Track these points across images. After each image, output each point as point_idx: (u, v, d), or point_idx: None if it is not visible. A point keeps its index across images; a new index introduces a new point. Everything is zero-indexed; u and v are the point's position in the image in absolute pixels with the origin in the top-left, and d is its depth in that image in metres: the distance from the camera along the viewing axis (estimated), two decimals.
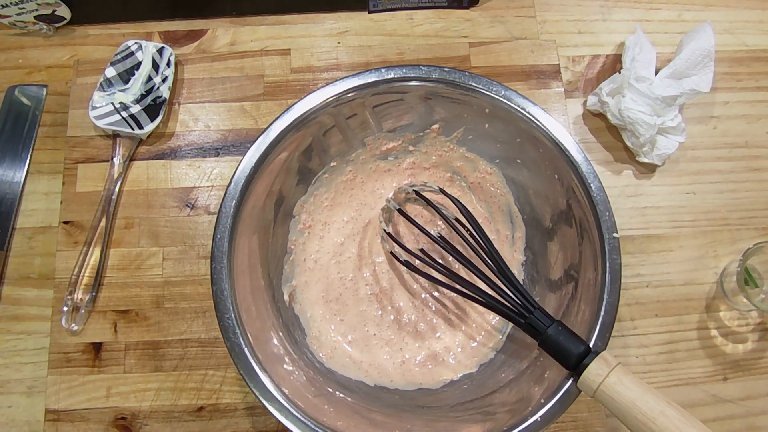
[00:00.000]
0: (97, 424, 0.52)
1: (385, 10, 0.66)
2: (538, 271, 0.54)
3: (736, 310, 0.56)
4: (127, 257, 0.57)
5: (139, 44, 0.61)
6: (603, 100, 0.60)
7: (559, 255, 0.52)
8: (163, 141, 0.60)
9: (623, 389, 0.38)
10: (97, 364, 0.54)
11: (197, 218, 0.58)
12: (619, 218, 0.46)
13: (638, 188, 0.60)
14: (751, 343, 0.56)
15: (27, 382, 0.53)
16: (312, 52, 0.64)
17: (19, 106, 0.61)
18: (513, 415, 0.43)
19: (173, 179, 0.59)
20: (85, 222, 0.57)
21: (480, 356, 0.53)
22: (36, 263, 0.56)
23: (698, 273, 0.57)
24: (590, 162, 0.48)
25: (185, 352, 0.54)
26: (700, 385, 0.55)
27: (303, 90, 0.62)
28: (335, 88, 0.49)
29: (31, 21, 0.62)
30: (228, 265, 0.45)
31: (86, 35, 0.64)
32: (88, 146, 0.60)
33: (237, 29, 0.65)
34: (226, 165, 0.60)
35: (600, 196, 0.46)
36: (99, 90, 0.60)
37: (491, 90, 0.49)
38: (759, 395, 0.55)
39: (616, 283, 0.44)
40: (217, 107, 0.62)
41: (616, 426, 0.53)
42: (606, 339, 0.43)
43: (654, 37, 0.63)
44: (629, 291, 0.57)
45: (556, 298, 0.51)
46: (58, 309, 0.54)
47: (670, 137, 0.59)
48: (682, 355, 0.56)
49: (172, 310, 0.55)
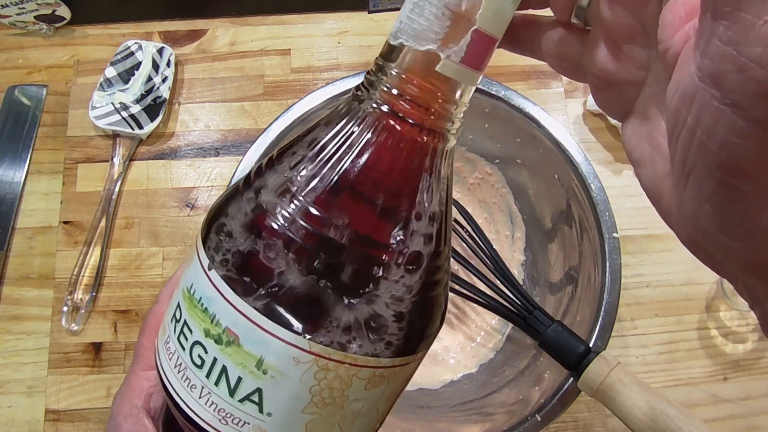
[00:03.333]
0: (97, 424, 0.52)
1: (385, 10, 0.66)
2: (538, 272, 0.54)
3: (736, 310, 0.56)
4: (127, 257, 0.57)
5: (139, 44, 0.61)
6: None
7: (559, 255, 0.52)
8: (163, 141, 0.60)
9: (624, 389, 0.38)
10: (97, 364, 0.53)
11: (197, 218, 0.58)
12: (619, 218, 0.46)
13: (638, 188, 0.59)
14: (751, 343, 0.56)
15: (27, 382, 0.53)
16: (312, 52, 0.64)
17: (19, 106, 0.61)
18: (513, 415, 0.43)
19: (173, 179, 0.59)
20: (85, 222, 0.57)
21: (480, 356, 0.53)
22: (36, 263, 0.56)
23: (698, 273, 0.57)
24: (590, 162, 0.48)
25: None
26: (700, 385, 0.55)
27: (303, 90, 0.62)
28: (335, 88, 0.49)
29: (31, 21, 0.62)
30: None
31: (86, 35, 0.64)
32: (88, 146, 0.60)
33: (237, 29, 0.65)
34: (226, 165, 0.60)
35: (600, 196, 0.46)
36: (99, 90, 0.60)
37: (491, 90, 0.49)
38: (759, 395, 0.55)
39: (616, 283, 0.44)
40: (217, 107, 0.62)
41: (617, 426, 0.53)
42: (606, 339, 0.43)
43: None
44: (629, 291, 0.57)
45: (555, 298, 0.51)
46: (58, 309, 0.54)
47: None
48: (682, 355, 0.56)
49: None
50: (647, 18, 0.18)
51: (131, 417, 0.25)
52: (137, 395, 0.25)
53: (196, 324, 0.20)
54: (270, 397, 0.19)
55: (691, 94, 0.15)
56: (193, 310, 0.20)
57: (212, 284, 0.20)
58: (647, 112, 0.19)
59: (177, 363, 0.21)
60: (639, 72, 0.19)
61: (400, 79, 0.20)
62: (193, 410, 0.20)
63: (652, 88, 0.19)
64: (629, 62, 0.19)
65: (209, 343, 0.20)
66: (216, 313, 0.20)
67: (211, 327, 0.20)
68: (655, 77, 0.19)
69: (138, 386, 0.26)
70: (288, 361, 0.19)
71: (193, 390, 0.20)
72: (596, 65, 0.20)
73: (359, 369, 0.20)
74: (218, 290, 0.20)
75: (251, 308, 0.19)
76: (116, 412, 0.25)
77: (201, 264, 0.20)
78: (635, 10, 0.18)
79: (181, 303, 0.21)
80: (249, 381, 0.19)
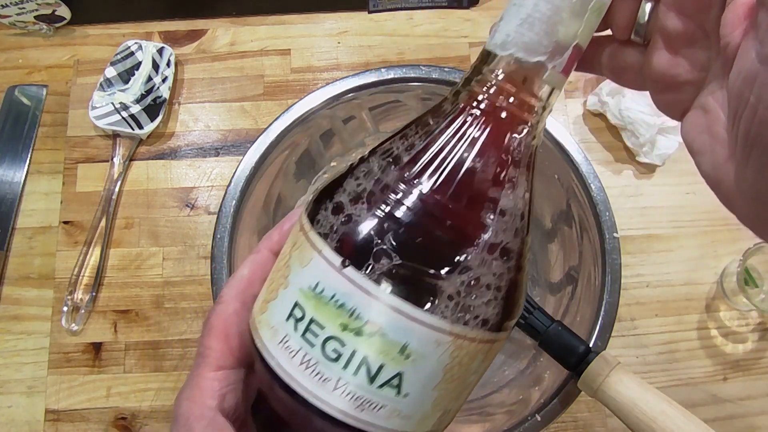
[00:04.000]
0: (97, 424, 0.52)
1: (385, 10, 0.66)
2: (538, 272, 0.54)
3: (736, 310, 0.56)
4: (127, 257, 0.57)
5: (139, 44, 0.61)
6: (603, 100, 0.60)
7: (559, 255, 0.52)
8: (163, 141, 0.60)
9: (624, 389, 0.38)
10: (97, 364, 0.54)
11: (197, 218, 0.58)
12: (619, 218, 0.46)
13: (638, 188, 0.60)
14: (751, 343, 0.56)
15: (27, 382, 0.53)
16: (312, 52, 0.64)
17: (19, 106, 0.61)
18: (513, 415, 0.43)
19: (173, 179, 0.59)
20: (85, 222, 0.57)
21: None
22: (36, 263, 0.56)
23: (698, 273, 0.57)
24: (590, 162, 0.47)
25: (185, 352, 0.54)
26: (700, 385, 0.55)
27: (303, 90, 0.62)
28: (335, 88, 0.49)
29: (31, 21, 0.62)
30: (228, 265, 0.45)
31: (86, 35, 0.64)
32: (88, 146, 0.60)
33: (237, 29, 0.65)
34: (226, 165, 0.60)
35: (600, 196, 0.46)
36: (99, 90, 0.60)
37: None
38: (759, 395, 0.55)
39: (616, 283, 0.44)
40: (217, 107, 0.62)
41: (617, 426, 0.53)
42: (606, 339, 0.43)
43: None
44: (629, 291, 0.57)
45: (555, 298, 0.51)
46: (58, 309, 0.54)
47: (670, 137, 0.59)
48: (682, 355, 0.56)
49: (172, 310, 0.55)
50: (708, 22, 0.21)
51: (205, 419, 0.24)
52: (209, 396, 0.25)
53: (330, 320, 0.21)
54: (408, 380, 0.21)
55: (752, 77, 0.18)
56: (324, 308, 0.21)
57: (349, 281, 0.21)
58: (706, 106, 0.22)
59: (303, 360, 0.22)
60: (699, 73, 0.22)
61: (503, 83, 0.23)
62: (326, 402, 0.21)
63: (711, 84, 0.22)
64: (690, 65, 0.22)
65: (347, 336, 0.21)
66: (356, 308, 0.21)
67: (350, 321, 0.21)
68: (714, 75, 0.22)
69: (209, 388, 0.25)
70: (430, 344, 0.21)
71: (326, 383, 0.21)
72: (658, 72, 0.23)
73: (482, 345, 0.22)
74: (357, 285, 0.21)
75: (396, 298, 0.21)
76: (186, 415, 0.25)
77: (330, 263, 0.22)
78: (698, 17, 0.21)
79: (303, 303, 0.22)
80: (390, 367, 0.21)
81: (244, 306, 0.26)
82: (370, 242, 0.21)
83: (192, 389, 0.26)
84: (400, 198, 0.22)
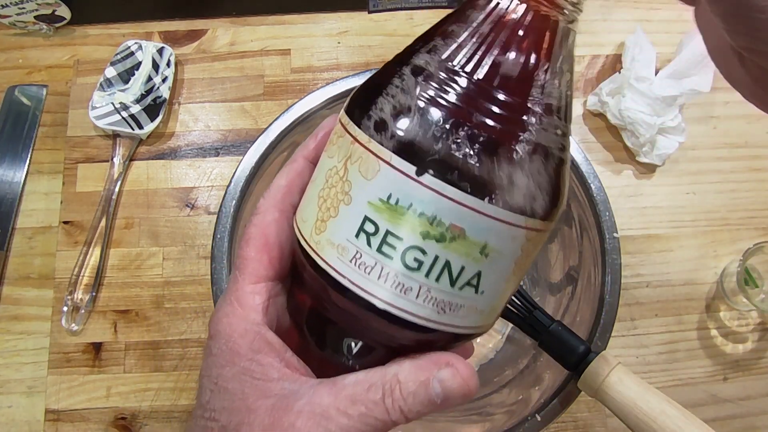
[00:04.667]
0: (97, 424, 0.52)
1: (385, 10, 0.66)
2: (538, 272, 0.54)
3: (736, 310, 0.56)
4: (127, 257, 0.57)
5: (139, 44, 0.61)
6: (603, 100, 0.60)
7: (559, 255, 0.52)
8: (163, 141, 0.60)
9: (624, 389, 0.38)
10: (97, 364, 0.54)
11: (197, 218, 0.58)
12: (619, 218, 0.46)
13: (638, 188, 0.60)
14: (751, 343, 0.56)
15: (27, 382, 0.53)
16: (312, 52, 0.64)
17: (19, 106, 0.61)
18: (513, 415, 0.43)
19: (173, 179, 0.59)
20: (85, 222, 0.57)
21: (480, 356, 0.53)
22: (36, 263, 0.56)
23: (698, 273, 0.57)
24: (590, 162, 0.48)
25: (185, 352, 0.54)
26: (700, 385, 0.55)
27: (303, 90, 0.62)
28: (335, 88, 0.49)
29: (31, 21, 0.62)
30: (228, 265, 0.45)
31: (86, 35, 0.64)
32: (88, 146, 0.60)
33: (237, 29, 0.65)
34: (226, 165, 0.60)
35: (600, 196, 0.46)
36: (99, 90, 0.60)
37: None
38: (759, 395, 0.55)
39: (616, 283, 0.44)
40: (217, 107, 0.62)
41: (617, 426, 0.53)
42: (606, 339, 0.43)
43: (654, 37, 0.63)
44: (629, 291, 0.57)
45: (555, 298, 0.51)
46: (58, 309, 0.54)
47: (670, 137, 0.59)
48: (682, 355, 0.56)
49: (172, 310, 0.55)
50: None
51: (249, 334, 0.23)
52: (253, 310, 0.24)
53: (409, 230, 0.21)
54: (486, 277, 0.22)
55: None
56: (401, 218, 0.21)
57: (427, 188, 0.21)
58: None
59: (381, 274, 0.22)
60: None
61: None
62: (410, 312, 0.22)
63: None
64: None
65: (429, 244, 0.21)
66: (437, 214, 0.21)
67: (431, 228, 0.21)
68: None
69: (250, 302, 0.24)
70: (507, 239, 0.22)
71: (409, 293, 0.22)
72: None
73: (543, 234, 0.23)
74: (436, 191, 0.21)
75: (476, 199, 0.21)
76: (227, 333, 0.23)
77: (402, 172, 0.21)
78: None
79: (375, 216, 0.22)
80: (471, 267, 0.22)
81: (282, 215, 0.25)
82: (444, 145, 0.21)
83: (231, 305, 0.24)
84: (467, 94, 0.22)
